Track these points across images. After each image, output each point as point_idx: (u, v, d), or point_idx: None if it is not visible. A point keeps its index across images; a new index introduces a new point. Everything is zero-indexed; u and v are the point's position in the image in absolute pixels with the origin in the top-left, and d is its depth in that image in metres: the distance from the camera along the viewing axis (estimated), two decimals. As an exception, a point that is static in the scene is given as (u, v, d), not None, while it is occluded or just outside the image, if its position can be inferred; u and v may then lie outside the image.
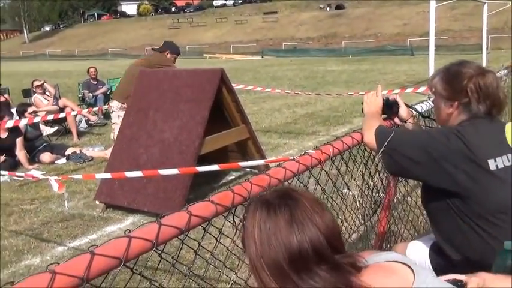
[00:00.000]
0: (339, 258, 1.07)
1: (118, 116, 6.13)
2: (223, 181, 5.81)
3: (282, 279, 1.04)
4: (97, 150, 7.67)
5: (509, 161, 1.72)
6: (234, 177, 5.96)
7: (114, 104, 6.39)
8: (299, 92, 10.85)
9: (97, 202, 5.07)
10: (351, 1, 64.03)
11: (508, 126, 1.80)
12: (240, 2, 76.29)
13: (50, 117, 7.13)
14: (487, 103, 1.80)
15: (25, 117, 7.08)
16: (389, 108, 2.22)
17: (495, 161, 1.70)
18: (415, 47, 35.65)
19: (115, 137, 5.73)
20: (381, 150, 1.83)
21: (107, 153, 6.57)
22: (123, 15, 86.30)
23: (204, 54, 47.23)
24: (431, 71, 11.30)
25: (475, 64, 1.90)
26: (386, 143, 1.81)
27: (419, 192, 3.53)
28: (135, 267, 1.13)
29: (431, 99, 2.16)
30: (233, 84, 5.62)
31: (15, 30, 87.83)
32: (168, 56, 6.37)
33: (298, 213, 1.06)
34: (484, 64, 17.54)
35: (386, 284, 1.07)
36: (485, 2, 18.04)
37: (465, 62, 1.92)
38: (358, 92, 9.99)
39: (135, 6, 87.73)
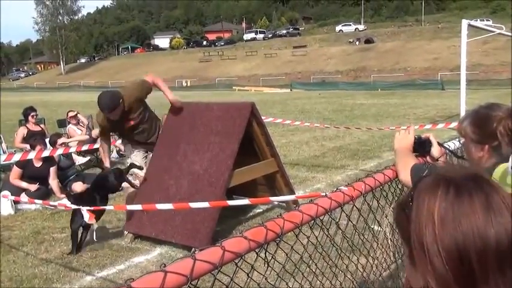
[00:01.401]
0: None
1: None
2: (251, 214, 5.80)
3: (460, 272, 0.87)
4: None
5: None
6: (261, 210, 5.94)
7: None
8: (328, 126, 10.86)
9: (126, 232, 5.11)
10: (380, 36, 64.38)
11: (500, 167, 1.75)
12: (270, 36, 77.60)
13: (85, 147, 7.31)
14: None
15: (57, 147, 7.27)
16: (422, 146, 2.21)
17: None
18: (445, 81, 35.41)
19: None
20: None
21: (137, 183, 6.65)
22: (156, 48, 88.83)
23: (233, 87, 47.91)
24: (463, 106, 11.18)
25: (505, 106, 1.88)
26: (420, 178, 1.79)
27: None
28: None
29: (462, 141, 2.14)
30: (262, 117, 5.66)
31: (52, 62, 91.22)
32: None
33: (496, 200, 0.90)
34: (517, 99, 17.25)
35: None
36: (517, 37, 17.84)
37: (494, 104, 1.90)
38: (388, 127, 9.94)
39: (168, 40, 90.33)
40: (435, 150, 2.22)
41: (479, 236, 0.86)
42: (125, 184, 7.53)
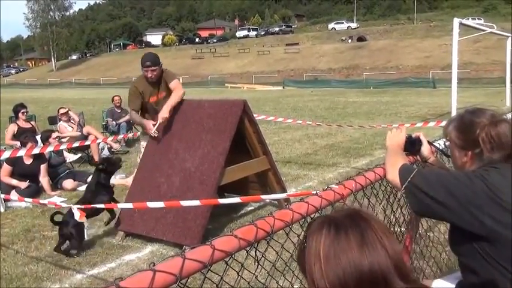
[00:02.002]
0: (405, 286, 1.02)
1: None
2: (243, 212, 5.80)
3: None
4: (118, 178, 7.74)
5: None
6: (253, 208, 5.94)
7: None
8: (320, 123, 10.87)
9: (117, 230, 5.09)
10: (372, 34, 64.56)
11: None
12: (262, 33, 77.57)
13: (76, 144, 7.26)
14: (501, 152, 1.78)
15: (49, 143, 7.21)
16: (412, 145, 2.22)
17: None
18: (437, 80, 35.58)
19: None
20: (403, 187, 1.82)
21: (128, 181, 6.62)
22: (148, 45, 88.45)
23: (226, 84, 47.84)
24: (454, 104, 11.25)
25: (489, 112, 1.88)
26: (409, 180, 1.80)
27: (441, 227, 3.48)
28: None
29: (448, 144, 2.15)
30: (254, 115, 5.66)
31: (43, 58, 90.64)
32: (143, 72, 5.68)
33: (369, 235, 1.03)
34: (508, 98, 17.37)
35: None
36: (509, 36, 17.97)
37: (479, 110, 1.91)
38: (380, 125, 9.97)
39: (160, 37, 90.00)
40: (425, 149, 2.23)
41: (355, 269, 1.00)
42: (116, 181, 7.53)
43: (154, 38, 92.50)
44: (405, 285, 1.01)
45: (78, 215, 3.73)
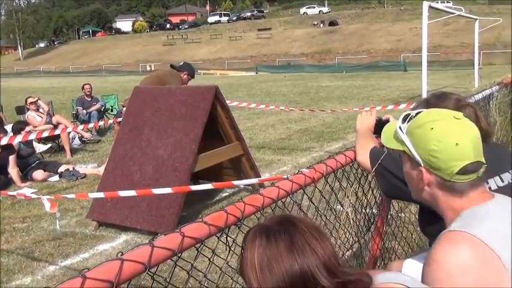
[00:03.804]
0: (338, 282, 1.05)
1: None
2: (217, 198, 5.79)
3: None
4: (90, 168, 7.64)
5: (504, 181, 1.73)
6: (227, 194, 5.94)
7: None
8: (293, 109, 10.89)
9: (90, 220, 5.02)
10: (344, 18, 64.79)
11: None
12: (234, 18, 77.00)
13: (45, 134, 7.10)
14: None
15: (16, 135, 7.05)
16: (381, 128, 2.24)
17: (499, 179, 1.71)
18: (408, 63, 35.98)
19: None
20: (373, 169, 1.84)
21: (100, 170, 6.54)
22: (118, 31, 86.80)
23: (199, 70, 47.36)
24: (424, 87, 11.42)
25: (455, 97, 1.91)
26: (379, 163, 1.82)
27: (412, 208, 3.54)
28: (126, 290, 1.12)
29: None
30: (227, 101, 5.63)
31: (9, 46, 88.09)
32: (184, 77, 6.34)
33: (298, 239, 1.06)
34: (476, 79, 17.73)
35: None
36: (476, 19, 18.30)
37: (444, 95, 1.93)
38: (352, 108, 10.06)
39: (130, 23, 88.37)
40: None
41: (287, 275, 1.02)
42: (87, 171, 7.42)
43: (124, 25, 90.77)
44: (333, 280, 1.05)
45: (48, 206, 3.66)
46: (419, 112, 1.38)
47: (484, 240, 1.17)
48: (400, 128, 1.39)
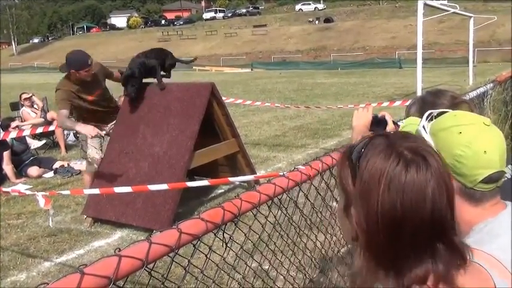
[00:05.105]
0: (456, 240, 0.95)
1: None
2: (213, 195, 5.80)
3: (394, 244, 0.92)
4: (85, 164, 7.61)
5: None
6: (223, 190, 5.95)
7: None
8: (288, 105, 10.90)
9: (85, 216, 5.02)
10: (339, 15, 64.78)
11: None
12: (229, 15, 76.79)
13: (39, 130, 7.07)
14: None
15: (9, 131, 7.03)
16: (378, 124, 2.24)
17: None
18: (403, 60, 36.03)
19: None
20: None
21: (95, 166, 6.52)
22: (113, 27, 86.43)
23: (194, 67, 47.28)
24: (419, 84, 11.44)
25: (450, 94, 1.92)
26: None
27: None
28: (124, 285, 1.12)
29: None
30: (223, 98, 5.63)
31: (3, 42, 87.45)
32: (76, 75, 4.89)
33: (437, 178, 0.93)
34: (471, 77, 17.78)
35: None
36: (471, 16, 18.35)
37: (440, 92, 1.94)
38: (348, 105, 10.07)
39: (125, 19, 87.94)
40: (389, 129, 2.26)
41: (416, 209, 0.91)
42: (83, 167, 7.40)
43: (118, 21, 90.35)
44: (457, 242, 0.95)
45: (43, 202, 3.65)
46: (442, 112, 1.32)
47: (500, 260, 1.11)
48: (423, 127, 1.32)
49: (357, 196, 0.96)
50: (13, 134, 6.47)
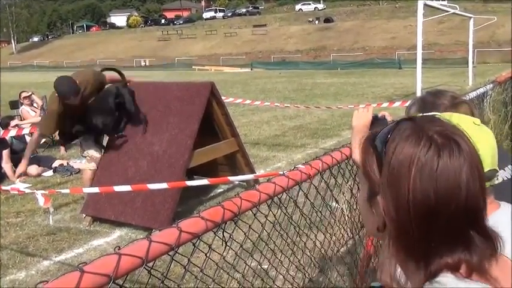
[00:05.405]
0: (488, 228, 0.90)
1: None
2: (212, 194, 5.80)
3: (426, 233, 0.87)
4: (84, 163, 7.60)
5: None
6: (222, 190, 5.95)
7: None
8: (288, 105, 10.90)
9: (84, 215, 5.02)
10: (339, 15, 64.79)
11: None
12: (229, 14, 76.80)
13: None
14: None
15: (9, 130, 7.02)
16: (378, 124, 2.24)
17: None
18: (402, 60, 36.06)
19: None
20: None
21: (94, 165, 6.51)
22: (113, 26, 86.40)
23: (193, 66, 47.30)
24: (419, 84, 11.45)
25: (450, 94, 1.91)
26: None
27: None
28: (123, 283, 1.12)
29: None
30: (222, 97, 5.63)
31: (3, 41, 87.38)
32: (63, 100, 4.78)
33: (470, 162, 0.89)
34: (471, 78, 17.80)
35: None
36: (471, 17, 18.36)
37: (440, 92, 1.94)
38: (347, 105, 10.07)
39: (125, 18, 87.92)
40: (389, 129, 2.26)
41: (451, 197, 0.86)
42: (81, 165, 7.39)
43: (118, 19, 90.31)
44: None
45: (42, 201, 3.65)
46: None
47: None
48: None
49: (385, 184, 0.91)
50: (12, 133, 6.46)
